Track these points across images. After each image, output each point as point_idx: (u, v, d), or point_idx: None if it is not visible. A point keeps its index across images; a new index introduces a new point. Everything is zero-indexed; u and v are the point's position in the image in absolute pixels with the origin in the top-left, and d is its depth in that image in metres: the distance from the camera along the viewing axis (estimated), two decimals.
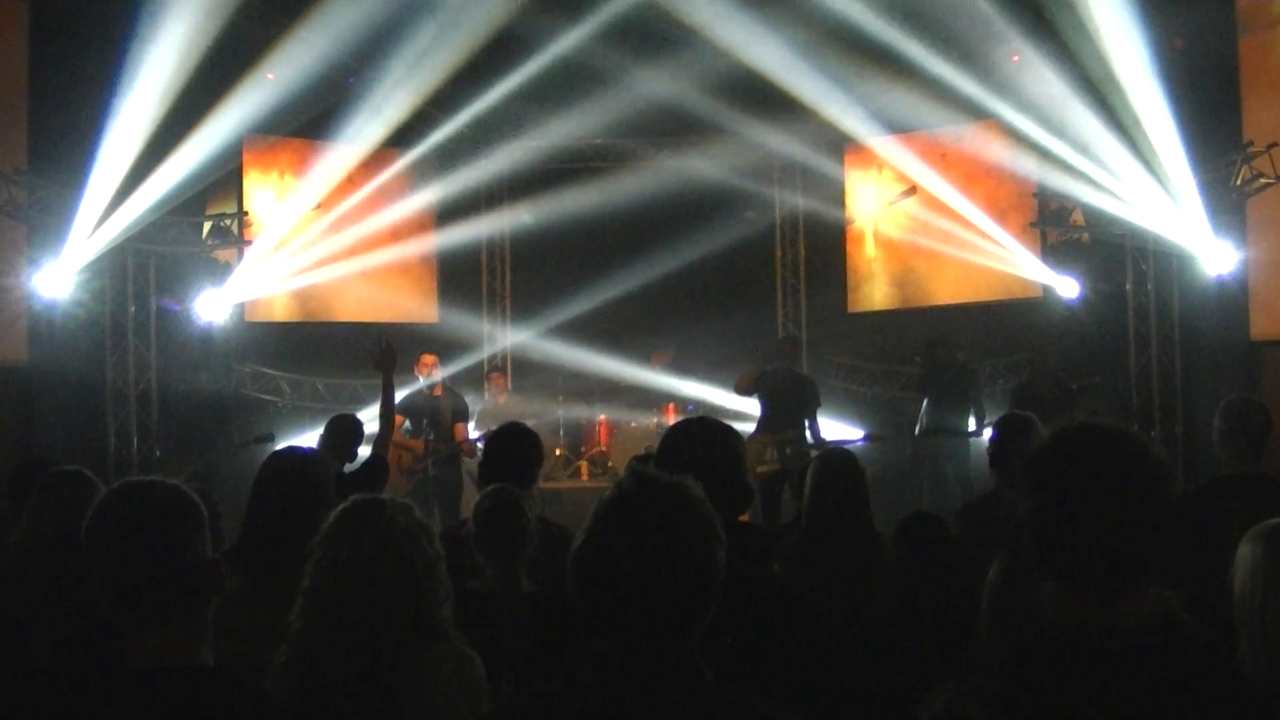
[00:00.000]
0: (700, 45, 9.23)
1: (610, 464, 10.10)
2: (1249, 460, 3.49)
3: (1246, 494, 3.29)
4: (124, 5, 8.08)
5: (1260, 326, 8.46)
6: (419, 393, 8.22)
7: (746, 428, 7.47)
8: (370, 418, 5.66)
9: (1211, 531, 1.53)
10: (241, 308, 10.20)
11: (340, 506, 2.29)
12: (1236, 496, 3.28)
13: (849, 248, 11.47)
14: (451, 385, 8.69)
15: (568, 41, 9.23)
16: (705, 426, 2.39)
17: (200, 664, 1.70)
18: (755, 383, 7.92)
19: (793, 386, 7.85)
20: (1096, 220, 9.18)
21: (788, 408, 7.76)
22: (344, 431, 5.21)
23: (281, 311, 10.69)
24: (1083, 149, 8.68)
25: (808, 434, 7.76)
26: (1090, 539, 1.47)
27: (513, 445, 3.73)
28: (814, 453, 6.10)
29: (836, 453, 4.14)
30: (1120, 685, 1.44)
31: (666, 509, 1.49)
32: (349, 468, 5.12)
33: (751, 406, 8.16)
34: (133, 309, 9.36)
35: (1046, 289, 9.83)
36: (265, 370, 10.52)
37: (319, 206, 10.46)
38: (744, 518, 2.47)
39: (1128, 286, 9.32)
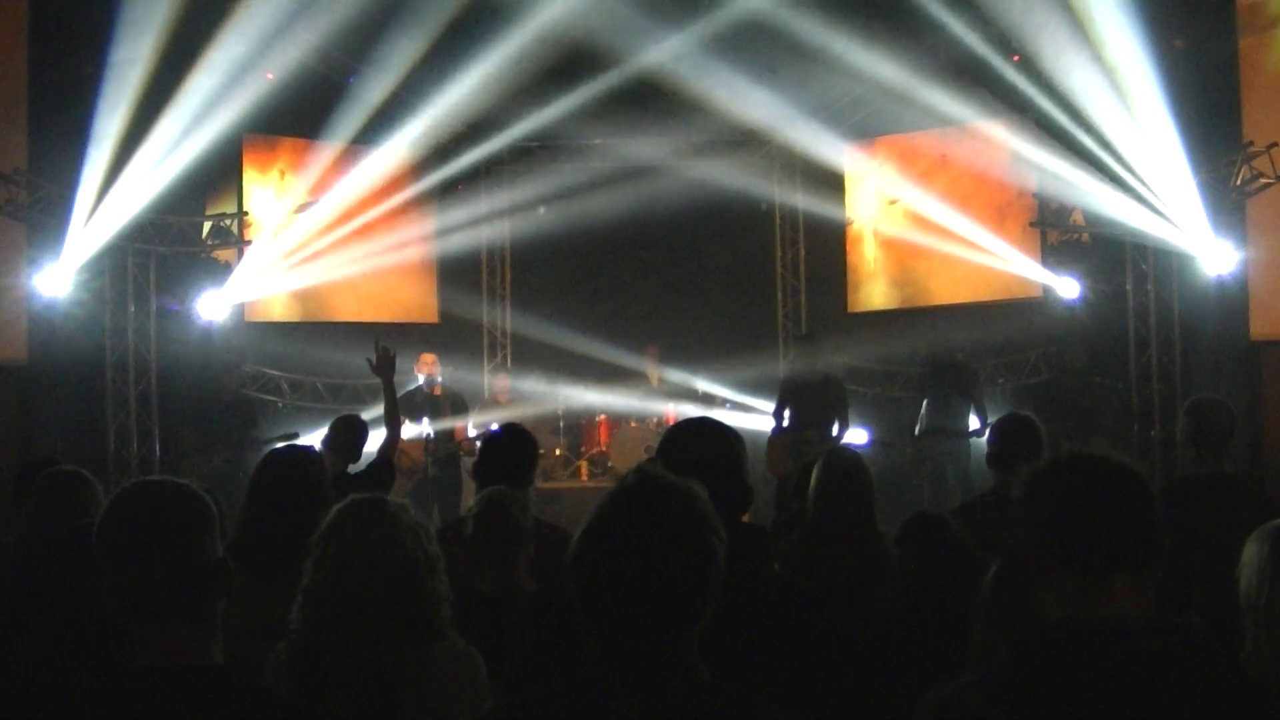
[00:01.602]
0: (701, 44, 9.22)
1: (610, 464, 10.08)
2: (1212, 460, 3.49)
3: (1210, 494, 3.28)
4: (123, 6, 8.07)
5: (1260, 326, 8.46)
6: (418, 391, 8.22)
7: (750, 428, 7.46)
8: (373, 417, 5.65)
9: (1176, 532, 1.56)
10: (241, 308, 10.18)
11: (339, 505, 2.29)
12: (1201, 497, 3.26)
13: (849, 248, 11.45)
14: (451, 384, 8.69)
15: (569, 41, 9.22)
16: (705, 427, 2.39)
17: (206, 663, 1.69)
18: (780, 406, 8.03)
19: (814, 385, 7.83)
20: (1096, 220, 9.17)
21: (810, 407, 7.74)
22: (348, 431, 5.20)
23: (281, 311, 10.68)
24: (1083, 149, 8.68)
25: (834, 433, 7.70)
26: (1080, 524, 1.56)
27: (511, 446, 3.72)
28: None
29: (842, 452, 4.10)
30: (1123, 687, 1.44)
31: (668, 507, 1.49)
32: (353, 468, 5.12)
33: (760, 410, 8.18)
34: (133, 309, 9.36)
35: (1046, 289, 9.83)
36: (265, 370, 10.50)
37: (311, 192, 10.43)
38: (745, 517, 2.47)
39: (1128, 286, 9.31)
